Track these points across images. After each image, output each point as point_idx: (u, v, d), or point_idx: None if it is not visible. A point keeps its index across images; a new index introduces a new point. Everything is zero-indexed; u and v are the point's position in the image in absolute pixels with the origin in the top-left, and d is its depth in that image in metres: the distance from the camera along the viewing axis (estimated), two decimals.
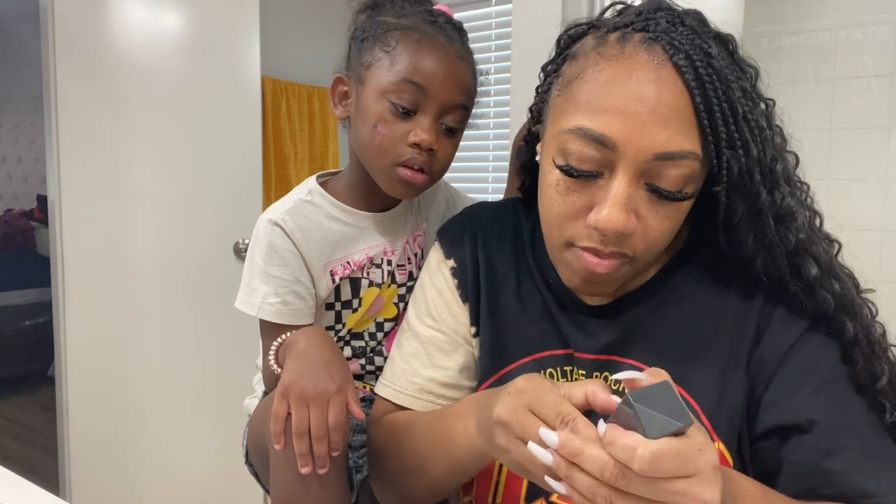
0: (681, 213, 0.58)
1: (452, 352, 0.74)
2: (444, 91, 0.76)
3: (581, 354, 0.67)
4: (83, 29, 1.58)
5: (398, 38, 0.77)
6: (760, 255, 0.60)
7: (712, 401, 0.61)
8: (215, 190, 1.84)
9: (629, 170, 0.55)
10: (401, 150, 0.77)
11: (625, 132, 0.54)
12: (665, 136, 0.54)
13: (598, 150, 0.55)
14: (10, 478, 0.77)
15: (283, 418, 0.66)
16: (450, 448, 0.63)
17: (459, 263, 0.76)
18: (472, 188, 2.36)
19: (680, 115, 0.54)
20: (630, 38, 0.57)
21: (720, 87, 0.54)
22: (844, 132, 1.97)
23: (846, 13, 1.95)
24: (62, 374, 1.60)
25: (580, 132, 0.56)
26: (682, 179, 0.56)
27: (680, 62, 0.54)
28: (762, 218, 0.58)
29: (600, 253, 0.58)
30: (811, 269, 0.59)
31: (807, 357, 0.60)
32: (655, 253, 0.60)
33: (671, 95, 0.54)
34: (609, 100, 0.55)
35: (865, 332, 0.59)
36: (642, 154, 0.54)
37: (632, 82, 0.54)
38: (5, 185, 4.27)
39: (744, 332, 0.62)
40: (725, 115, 0.54)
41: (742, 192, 0.57)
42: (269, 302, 0.79)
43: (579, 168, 0.57)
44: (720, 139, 0.55)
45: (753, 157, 0.56)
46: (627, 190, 0.55)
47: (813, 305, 0.60)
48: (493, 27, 2.30)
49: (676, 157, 0.54)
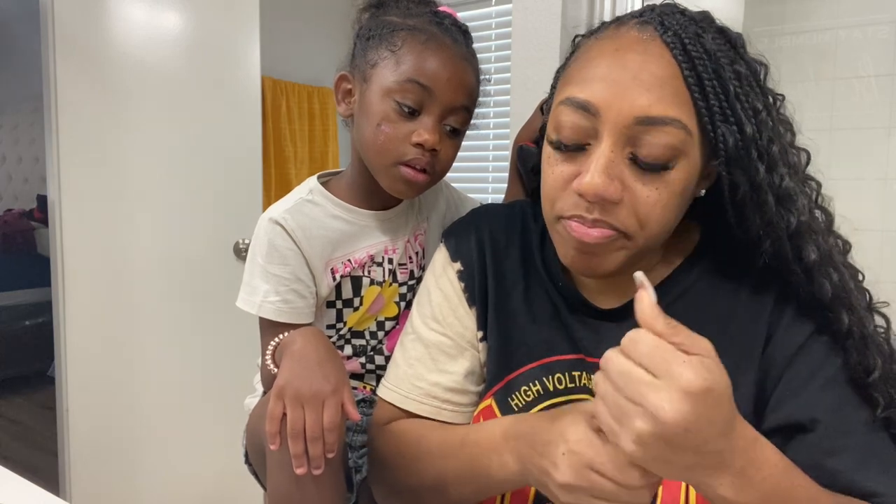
0: (670, 187, 0.57)
1: (458, 357, 0.73)
2: (449, 92, 0.76)
3: (593, 359, 0.66)
4: (83, 29, 1.58)
5: (404, 38, 0.77)
6: (766, 235, 0.59)
7: None
8: (215, 190, 1.84)
9: (612, 135, 0.56)
10: (404, 150, 0.77)
11: (607, 97, 0.56)
12: (647, 101, 0.55)
13: (583, 117, 0.57)
14: (10, 478, 0.77)
15: (278, 419, 0.66)
16: (482, 479, 0.63)
17: (466, 266, 0.75)
18: (472, 188, 2.36)
19: (664, 83, 0.55)
20: (626, 22, 0.59)
21: (710, 66, 0.56)
22: (844, 132, 1.97)
23: (846, 13, 1.95)
24: (62, 374, 1.60)
25: (568, 101, 0.58)
26: (667, 150, 0.55)
27: (668, 39, 0.56)
28: (761, 195, 0.58)
29: (585, 220, 0.58)
30: (811, 253, 0.59)
31: (814, 357, 0.60)
32: (654, 234, 0.59)
33: (656, 66, 0.56)
34: (595, 70, 0.57)
35: (859, 326, 0.59)
36: (623, 118, 0.55)
37: (618, 54, 0.57)
38: (5, 185, 4.28)
39: (755, 332, 0.62)
40: (716, 90, 0.56)
41: (741, 167, 0.57)
42: (270, 300, 0.79)
43: (567, 141, 0.58)
44: (713, 112, 0.56)
45: (748, 134, 0.56)
46: (610, 155, 0.56)
47: (811, 291, 0.59)
48: (493, 27, 2.31)
49: (658, 123, 0.55)
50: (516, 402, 0.69)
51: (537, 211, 0.75)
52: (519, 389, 0.69)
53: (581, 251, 0.60)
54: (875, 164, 1.93)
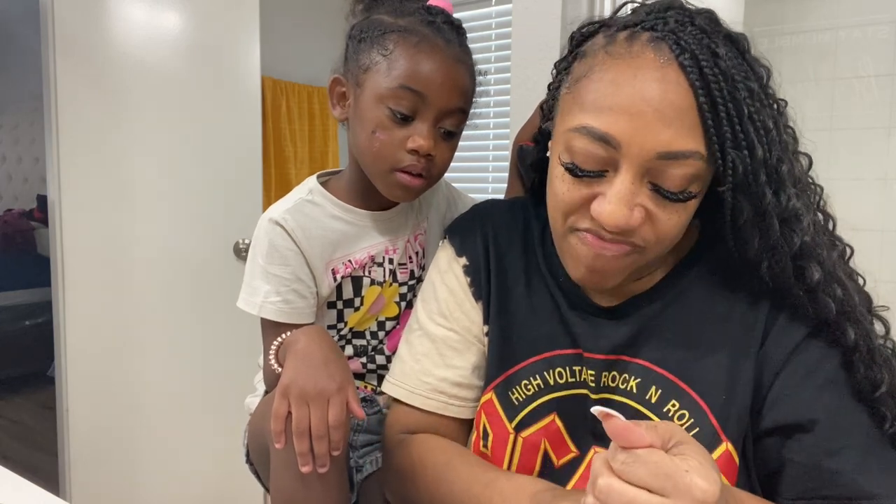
0: (689, 209, 0.58)
1: (465, 351, 0.74)
2: (443, 96, 0.75)
3: (590, 354, 0.67)
4: (83, 29, 1.58)
5: (395, 40, 0.76)
6: (766, 256, 0.59)
7: (721, 401, 0.61)
8: (215, 190, 1.84)
9: (632, 168, 0.55)
10: (399, 156, 0.76)
11: (629, 131, 0.54)
12: (668, 136, 0.54)
13: (602, 148, 0.56)
14: (10, 478, 0.76)
15: (283, 417, 0.66)
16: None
17: (472, 261, 0.75)
18: (473, 188, 2.36)
19: (684, 115, 0.54)
20: (638, 36, 0.57)
21: (725, 88, 0.54)
22: (844, 132, 1.97)
23: (846, 13, 1.95)
24: (62, 374, 1.60)
25: (585, 131, 0.56)
26: (686, 179, 0.56)
27: (685, 62, 0.54)
28: (767, 219, 0.58)
29: (604, 236, 0.58)
30: (814, 273, 0.58)
31: (811, 358, 0.60)
32: (666, 247, 0.60)
33: (675, 95, 0.54)
34: (614, 99, 0.55)
35: (866, 340, 0.59)
36: (646, 153, 0.54)
37: (637, 82, 0.55)
38: (5, 185, 4.28)
39: (752, 331, 0.62)
40: (731, 115, 0.54)
41: (747, 193, 0.57)
42: (271, 301, 0.79)
43: (584, 168, 0.57)
44: (724, 139, 0.55)
45: (759, 158, 0.56)
46: (631, 187, 0.55)
47: (815, 310, 0.59)
48: (493, 27, 2.30)
49: (680, 157, 0.54)
50: (517, 396, 0.69)
51: (538, 209, 0.75)
52: (520, 383, 0.70)
53: (592, 268, 0.60)
54: (875, 164, 1.93)
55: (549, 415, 0.68)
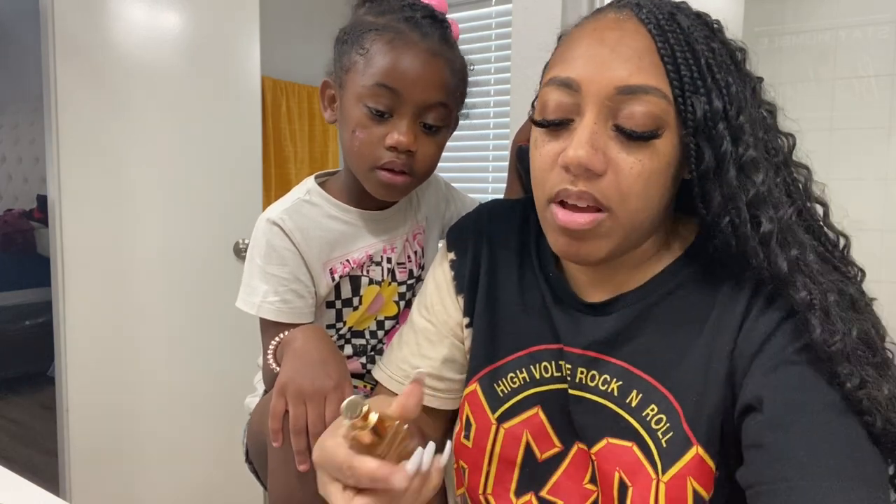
0: (654, 161, 0.57)
1: (438, 343, 0.76)
2: (418, 92, 0.75)
3: (570, 349, 0.67)
4: (83, 29, 1.58)
5: (372, 39, 0.75)
6: (728, 209, 0.58)
7: (692, 402, 0.60)
8: (215, 190, 1.84)
9: (594, 108, 0.57)
10: (379, 154, 0.76)
11: (587, 71, 0.58)
12: (626, 71, 0.56)
13: (566, 94, 0.59)
14: (10, 478, 0.77)
15: (280, 416, 0.66)
16: None
17: (459, 256, 0.77)
18: (472, 188, 2.36)
19: (641, 55, 0.57)
20: (603, 9, 0.62)
21: (683, 38, 0.57)
22: (844, 132, 1.97)
23: (846, 13, 1.95)
24: (62, 374, 1.61)
25: (550, 81, 0.60)
26: (648, 117, 0.56)
27: (643, 16, 0.58)
28: (724, 166, 0.58)
29: (570, 194, 0.58)
30: (766, 222, 0.57)
31: (778, 343, 0.57)
32: (636, 210, 0.59)
33: (632, 39, 0.58)
34: (575, 51, 0.60)
35: (821, 298, 0.55)
36: (604, 89, 0.57)
37: (596, 33, 0.60)
38: (5, 185, 4.28)
39: (729, 331, 0.60)
40: (688, 61, 0.57)
41: (707, 138, 0.58)
42: (269, 301, 0.79)
43: (550, 118, 0.60)
44: (683, 83, 0.57)
45: (717, 106, 0.57)
46: (593, 127, 0.57)
47: (769, 266, 0.57)
48: (493, 27, 2.30)
49: (639, 91, 0.56)
50: (502, 389, 0.70)
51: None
52: (505, 376, 0.70)
53: (569, 237, 0.61)
54: (875, 164, 1.93)
55: (532, 408, 0.69)
